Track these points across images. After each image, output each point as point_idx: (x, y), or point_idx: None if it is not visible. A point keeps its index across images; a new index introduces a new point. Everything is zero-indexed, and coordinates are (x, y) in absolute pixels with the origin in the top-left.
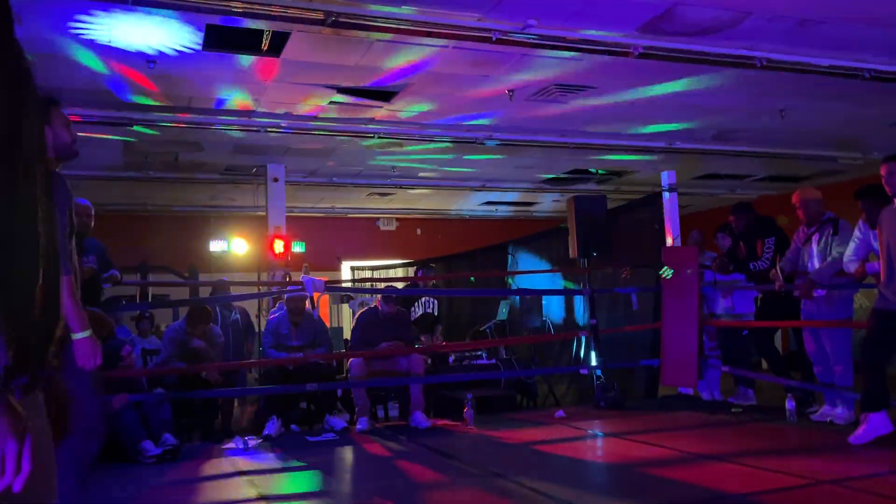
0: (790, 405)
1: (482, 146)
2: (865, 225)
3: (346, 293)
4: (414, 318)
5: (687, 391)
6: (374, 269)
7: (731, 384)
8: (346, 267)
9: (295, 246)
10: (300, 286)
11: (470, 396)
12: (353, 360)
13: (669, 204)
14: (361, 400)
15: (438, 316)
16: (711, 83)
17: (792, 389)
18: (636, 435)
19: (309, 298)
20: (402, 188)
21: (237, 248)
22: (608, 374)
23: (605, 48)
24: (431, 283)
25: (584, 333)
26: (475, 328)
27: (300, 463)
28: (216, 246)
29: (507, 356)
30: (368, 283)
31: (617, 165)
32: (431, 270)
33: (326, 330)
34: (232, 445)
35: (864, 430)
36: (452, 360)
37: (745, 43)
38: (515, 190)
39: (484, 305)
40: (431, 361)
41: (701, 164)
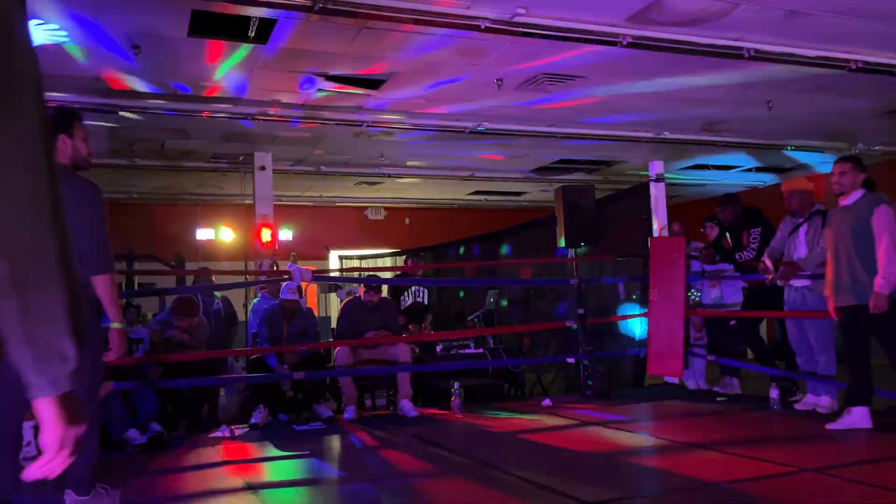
0: (774, 394)
1: (471, 135)
2: None
3: (333, 282)
4: (404, 306)
5: (673, 380)
6: (362, 258)
7: (716, 373)
8: (334, 256)
9: (282, 235)
10: (287, 275)
11: (457, 385)
12: (339, 349)
13: (657, 194)
14: (348, 389)
15: (429, 305)
16: (699, 73)
17: (776, 379)
18: (622, 423)
19: (297, 287)
20: (390, 177)
21: (224, 236)
22: (595, 363)
23: (593, 38)
24: (421, 272)
25: (571, 323)
26: (466, 319)
27: (287, 452)
28: (203, 234)
29: (494, 345)
30: (356, 272)
31: (605, 155)
32: (420, 259)
33: (315, 320)
34: (218, 434)
35: (844, 420)
36: (440, 349)
37: (733, 33)
38: (504, 180)
39: (472, 295)
40: (419, 350)
41: (689, 154)
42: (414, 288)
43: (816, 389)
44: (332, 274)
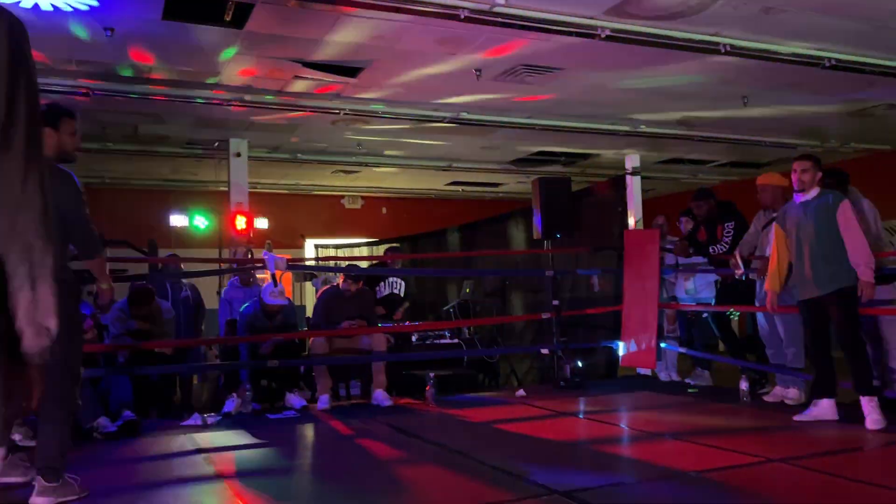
0: (744, 386)
1: (449, 125)
2: None
3: (308, 271)
4: (380, 297)
5: (645, 372)
6: (338, 247)
7: (688, 365)
8: (309, 245)
9: (257, 223)
10: (262, 263)
11: (432, 375)
12: (314, 338)
13: (633, 187)
14: (323, 378)
15: (405, 297)
16: (676, 68)
17: (746, 371)
18: (595, 414)
19: (270, 275)
20: (367, 166)
21: (198, 223)
22: (568, 354)
23: (572, 30)
24: (399, 263)
25: (546, 314)
26: (441, 309)
27: (259, 440)
28: (177, 221)
29: (469, 336)
30: (332, 261)
31: (582, 148)
32: (398, 251)
33: (294, 310)
34: (191, 422)
35: (811, 411)
36: (416, 338)
37: (710, 29)
38: (481, 171)
39: (448, 285)
40: (394, 340)
41: (664, 148)
42: (391, 279)
43: (785, 381)
44: (307, 263)
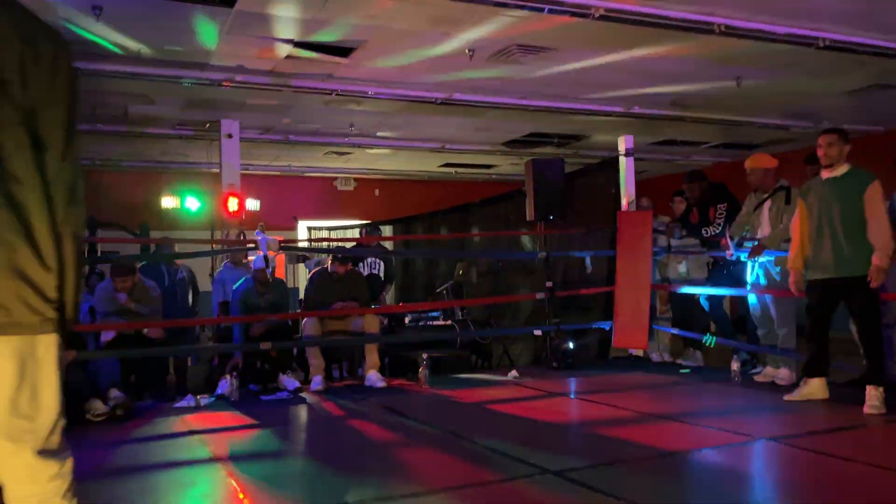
0: (735, 366)
1: (441, 106)
2: None
3: (301, 252)
4: None
5: (637, 353)
6: (331, 229)
7: (680, 346)
8: (302, 226)
9: (250, 204)
10: (254, 245)
11: (425, 357)
12: (306, 319)
13: (626, 168)
14: (315, 360)
15: (386, 278)
16: (671, 49)
17: (738, 351)
18: (587, 395)
19: (263, 257)
20: (360, 147)
21: (190, 205)
22: (561, 335)
23: (566, 9)
24: (383, 243)
25: (539, 295)
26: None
27: (253, 422)
28: (168, 203)
29: (462, 317)
30: (325, 243)
31: (575, 129)
32: (377, 231)
33: (287, 291)
34: (184, 404)
35: (801, 391)
36: (409, 320)
37: (704, 8)
38: (474, 152)
39: (440, 267)
40: (387, 322)
41: (658, 129)
42: (369, 260)
43: (776, 362)
44: (299, 245)
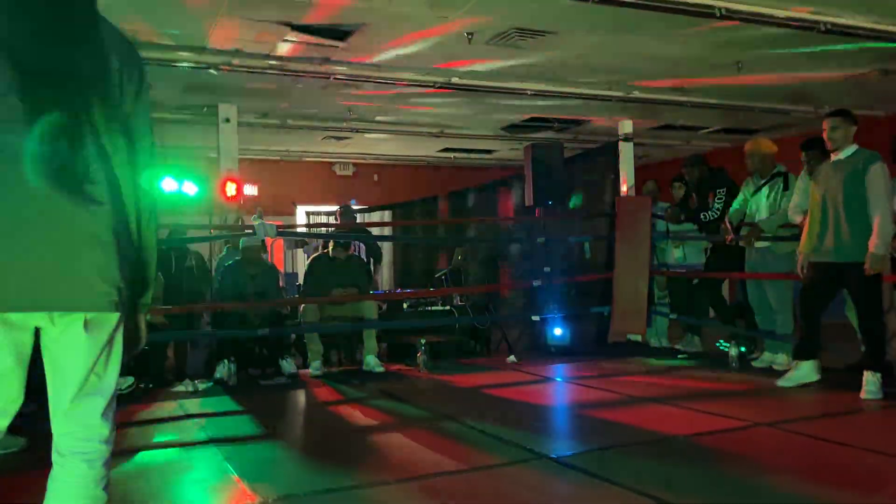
0: (733, 352)
1: (440, 90)
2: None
3: (299, 238)
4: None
5: (636, 338)
6: (329, 214)
7: (678, 331)
8: (301, 212)
9: (248, 189)
10: (252, 230)
11: (423, 342)
12: (304, 305)
13: (625, 153)
14: (314, 345)
15: (374, 257)
16: (671, 32)
17: (735, 337)
18: (585, 380)
19: (261, 243)
20: (358, 132)
21: (188, 190)
22: (559, 320)
23: None
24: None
25: (537, 281)
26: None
27: (250, 407)
28: (166, 187)
29: (461, 302)
30: (324, 228)
31: (575, 114)
32: (351, 212)
33: (278, 276)
34: (182, 388)
35: (793, 376)
36: (407, 306)
37: None
38: (474, 137)
39: (439, 252)
40: (386, 307)
41: (658, 114)
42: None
43: (773, 347)
44: (298, 230)
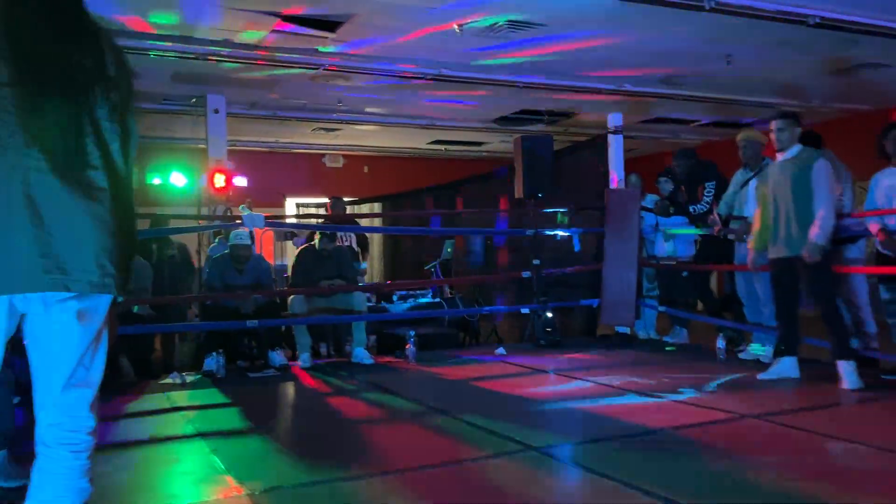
0: (720, 344)
1: (430, 82)
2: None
3: (288, 229)
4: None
5: (624, 330)
6: (319, 206)
7: (667, 324)
8: (290, 203)
9: (237, 181)
10: (240, 221)
11: (412, 334)
12: (293, 296)
13: (615, 146)
14: (303, 337)
15: (361, 246)
16: (661, 26)
17: (723, 329)
18: (573, 372)
19: (249, 233)
20: (348, 124)
21: (176, 181)
22: (549, 312)
23: None
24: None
25: (526, 273)
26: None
27: (239, 399)
28: (154, 179)
29: (450, 295)
30: (314, 220)
31: (565, 107)
32: (341, 204)
33: (270, 270)
34: (169, 381)
35: (773, 370)
36: (396, 297)
37: None
38: (464, 129)
39: (429, 243)
40: (375, 299)
41: (648, 107)
42: (340, 234)
43: (761, 340)
44: (287, 221)
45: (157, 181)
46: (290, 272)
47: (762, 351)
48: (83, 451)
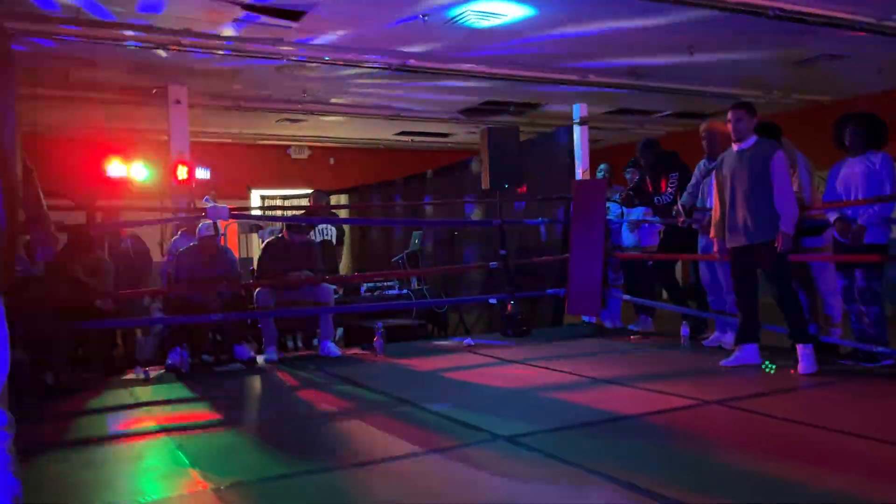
0: (684, 332)
1: (396, 72)
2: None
3: (253, 222)
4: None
5: (590, 319)
6: (285, 198)
7: (632, 313)
8: (255, 195)
9: (200, 173)
10: (203, 213)
11: (380, 326)
12: (259, 289)
13: (581, 137)
14: (269, 330)
15: (339, 241)
16: (625, 17)
17: (687, 317)
18: (541, 361)
19: (213, 225)
20: (313, 115)
21: (137, 173)
22: (516, 303)
23: None
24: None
25: (494, 264)
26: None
27: (204, 394)
28: (114, 171)
29: (418, 286)
30: (279, 212)
31: (531, 98)
32: (324, 197)
33: (236, 262)
34: (132, 376)
35: (735, 357)
36: (364, 290)
37: None
38: (430, 120)
39: (396, 236)
40: (343, 291)
41: (613, 99)
42: (320, 226)
43: (724, 327)
44: (252, 213)
45: (118, 173)
46: (255, 265)
47: (724, 338)
48: (2, 447)
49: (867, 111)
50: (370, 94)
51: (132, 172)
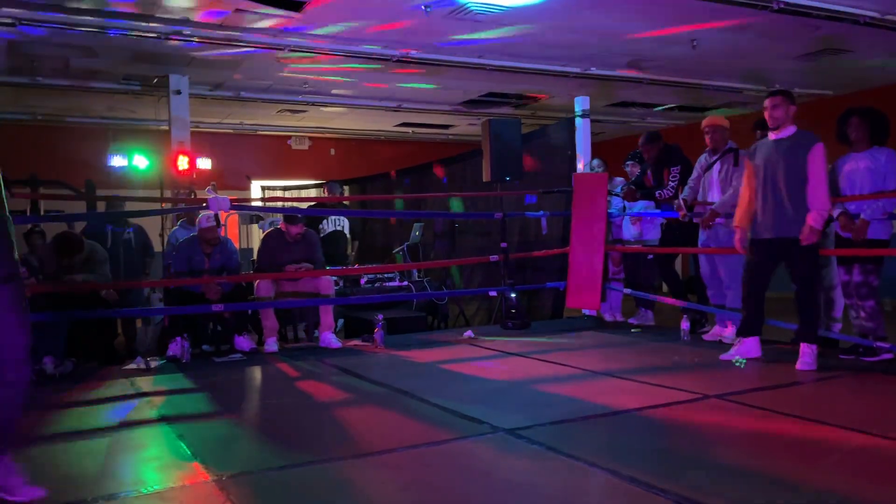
0: (685, 326)
1: (397, 64)
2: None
3: (253, 212)
4: (324, 235)
5: (591, 313)
6: (285, 188)
7: (632, 306)
8: (256, 186)
9: (201, 163)
10: (204, 203)
11: (381, 318)
12: (260, 281)
13: (582, 130)
14: (269, 321)
15: (352, 234)
16: (627, 9)
17: (687, 311)
18: (540, 354)
19: (214, 216)
20: (314, 105)
21: (138, 163)
22: (516, 295)
23: None
24: (347, 202)
25: (494, 257)
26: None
27: (205, 384)
28: (115, 161)
29: (419, 278)
30: (280, 202)
31: (533, 90)
32: (338, 188)
33: (236, 253)
34: (133, 366)
35: (735, 350)
36: (364, 281)
37: None
38: (431, 111)
39: (398, 228)
40: (343, 283)
41: (614, 91)
42: (332, 217)
43: (723, 321)
44: (252, 204)
45: (119, 163)
46: (255, 256)
47: (724, 332)
48: None
49: (871, 106)
50: (371, 85)
51: (133, 162)
